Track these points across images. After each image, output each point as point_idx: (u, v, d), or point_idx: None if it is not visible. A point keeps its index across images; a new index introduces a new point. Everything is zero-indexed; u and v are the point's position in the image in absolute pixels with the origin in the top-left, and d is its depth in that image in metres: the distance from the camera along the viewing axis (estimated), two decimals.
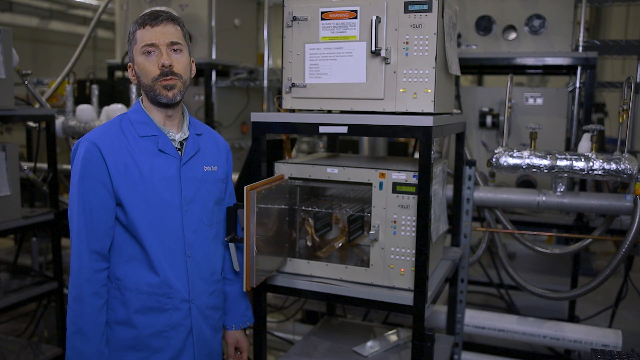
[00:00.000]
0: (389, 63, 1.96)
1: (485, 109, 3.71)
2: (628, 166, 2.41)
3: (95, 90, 3.88)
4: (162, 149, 1.80)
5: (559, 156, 2.49)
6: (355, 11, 1.98)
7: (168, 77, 1.75)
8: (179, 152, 1.85)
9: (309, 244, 2.37)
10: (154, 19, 1.75)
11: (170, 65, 1.75)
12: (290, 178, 2.20)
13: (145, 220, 1.76)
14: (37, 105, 3.74)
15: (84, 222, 1.72)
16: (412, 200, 1.97)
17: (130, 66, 1.83)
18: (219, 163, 1.97)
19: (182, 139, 1.87)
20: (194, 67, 1.89)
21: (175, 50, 1.77)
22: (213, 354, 1.97)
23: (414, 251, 1.97)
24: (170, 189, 1.80)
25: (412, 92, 1.95)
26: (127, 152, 1.76)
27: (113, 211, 1.76)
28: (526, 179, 3.58)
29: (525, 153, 2.52)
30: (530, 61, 3.47)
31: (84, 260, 1.72)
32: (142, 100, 1.87)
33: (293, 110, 2.16)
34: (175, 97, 1.78)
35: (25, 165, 3.48)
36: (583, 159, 2.46)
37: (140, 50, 1.76)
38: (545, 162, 2.49)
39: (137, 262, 1.78)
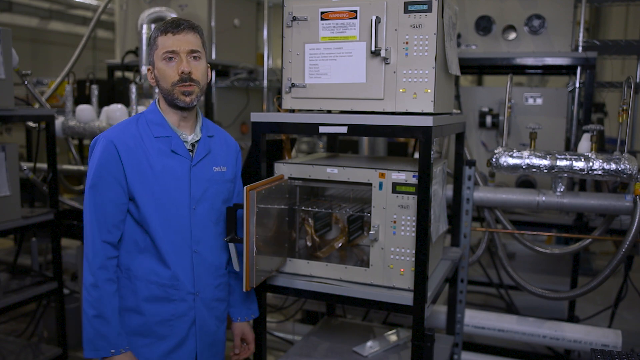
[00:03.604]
0: (388, 63, 1.96)
1: (485, 109, 3.71)
2: (628, 166, 2.41)
3: (94, 90, 3.87)
4: (175, 150, 1.89)
5: (559, 156, 2.49)
6: (355, 11, 1.98)
7: (187, 84, 1.85)
8: (191, 153, 1.94)
9: (309, 244, 2.37)
10: (176, 27, 1.85)
11: (189, 72, 1.85)
12: (290, 178, 2.20)
13: (155, 217, 1.86)
14: (36, 106, 3.74)
15: (94, 215, 1.82)
16: (411, 200, 1.97)
17: (149, 69, 1.93)
18: (228, 164, 2.06)
19: (194, 141, 1.95)
20: (209, 73, 1.99)
21: (194, 58, 1.88)
22: (216, 343, 2.07)
23: (413, 251, 1.97)
24: (180, 189, 1.89)
25: (412, 92, 1.95)
26: (142, 151, 1.85)
27: (125, 206, 1.86)
28: (526, 179, 3.58)
29: (525, 153, 2.52)
30: (529, 61, 3.47)
31: (97, 249, 1.82)
32: (158, 102, 1.96)
33: (293, 111, 2.16)
34: (192, 102, 1.88)
35: (25, 165, 3.48)
36: (583, 159, 2.46)
37: (161, 56, 1.85)
38: (545, 162, 2.49)
39: (148, 253, 1.89)
